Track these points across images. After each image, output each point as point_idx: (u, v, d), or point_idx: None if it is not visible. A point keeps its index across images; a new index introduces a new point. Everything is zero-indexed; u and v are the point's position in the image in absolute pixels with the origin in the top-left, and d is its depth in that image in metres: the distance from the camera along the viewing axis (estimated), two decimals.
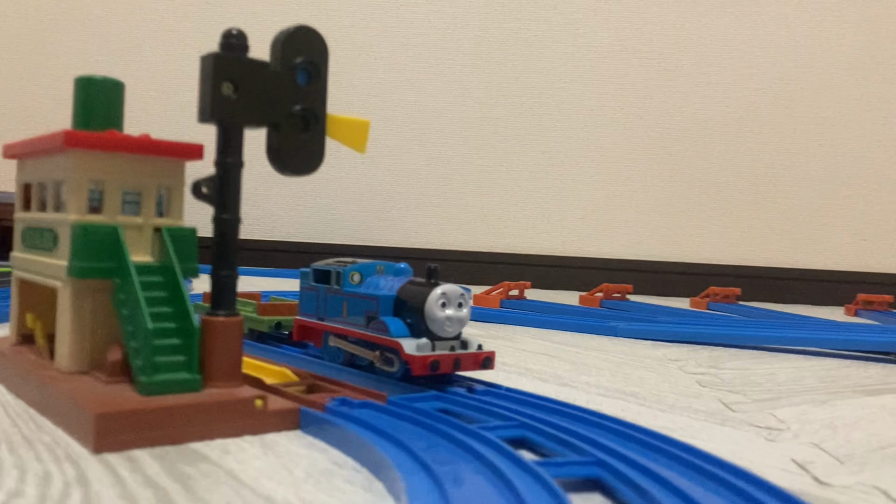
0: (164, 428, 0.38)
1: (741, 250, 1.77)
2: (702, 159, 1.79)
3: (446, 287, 0.49)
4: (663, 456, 0.37)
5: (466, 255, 1.85)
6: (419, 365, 0.47)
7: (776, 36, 1.77)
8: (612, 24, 1.82)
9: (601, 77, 1.82)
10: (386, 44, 1.87)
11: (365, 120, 0.48)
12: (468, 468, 0.34)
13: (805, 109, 1.77)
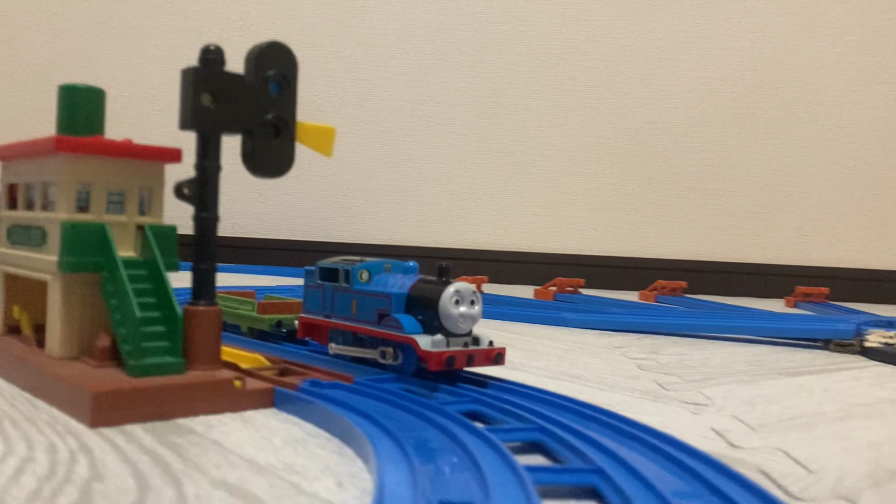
0: (153, 405, 0.42)
1: (688, 245, 1.85)
2: (651, 158, 1.87)
3: (459, 285, 0.51)
4: (596, 423, 0.43)
5: (425, 250, 1.90)
6: (435, 361, 0.48)
7: (722, 39, 1.85)
8: (566, 27, 1.88)
9: (555, 78, 1.88)
10: (345, 43, 1.91)
11: (331, 127, 0.53)
12: (428, 434, 0.39)
13: (749, 110, 1.85)
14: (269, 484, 0.33)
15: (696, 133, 1.87)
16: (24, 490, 0.31)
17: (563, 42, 1.88)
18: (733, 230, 1.86)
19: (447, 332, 0.50)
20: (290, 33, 1.91)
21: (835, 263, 1.82)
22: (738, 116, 1.86)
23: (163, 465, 0.35)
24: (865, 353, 0.86)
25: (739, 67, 1.85)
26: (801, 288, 1.58)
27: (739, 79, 1.86)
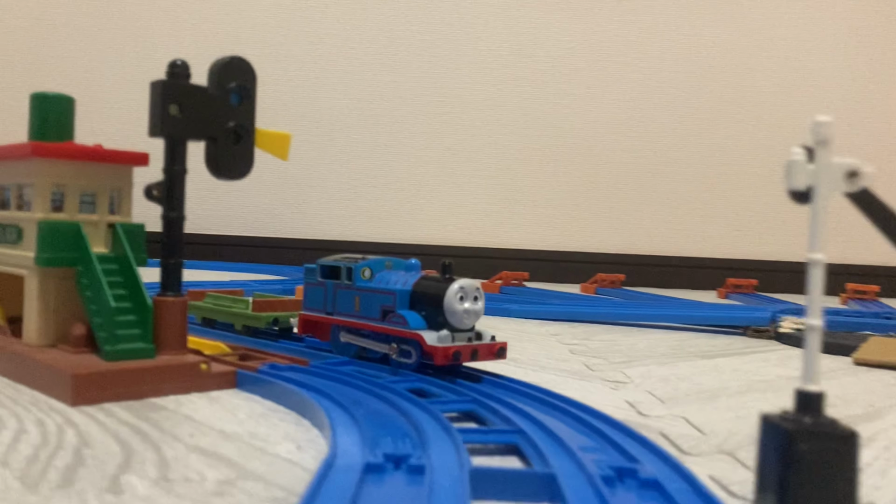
0: (128, 386, 0.47)
1: (627, 240, 1.94)
2: (593, 157, 1.95)
3: (463, 281, 0.52)
4: (523, 396, 0.49)
5: (376, 246, 1.95)
6: (441, 355, 0.50)
7: (660, 43, 1.94)
8: (511, 29, 1.95)
9: (500, 79, 1.95)
10: (296, 43, 1.95)
11: (287, 133, 0.58)
12: (376, 406, 0.44)
13: (685, 110, 1.95)
14: (237, 448, 0.38)
15: (635, 132, 1.95)
16: (22, 454, 0.36)
17: (509, 44, 1.95)
18: (669, 225, 1.95)
19: (451, 328, 0.51)
20: (242, 32, 1.94)
21: (764, 256, 1.92)
22: (675, 116, 1.95)
23: (142, 434, 0.40)
24: (779, 339, 0.94)
25: (676, 70, 1.94)
26: (731, 280, 1.68)
27: (676, 81, 1.95)
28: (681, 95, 1.95)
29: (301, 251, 1.97)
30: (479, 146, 1.96)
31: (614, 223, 1.95)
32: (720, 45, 1.95)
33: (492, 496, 0.32)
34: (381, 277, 0.57)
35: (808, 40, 1.95)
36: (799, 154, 0.30)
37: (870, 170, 0.30)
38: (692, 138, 1.95)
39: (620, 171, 1.95)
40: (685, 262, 1.94)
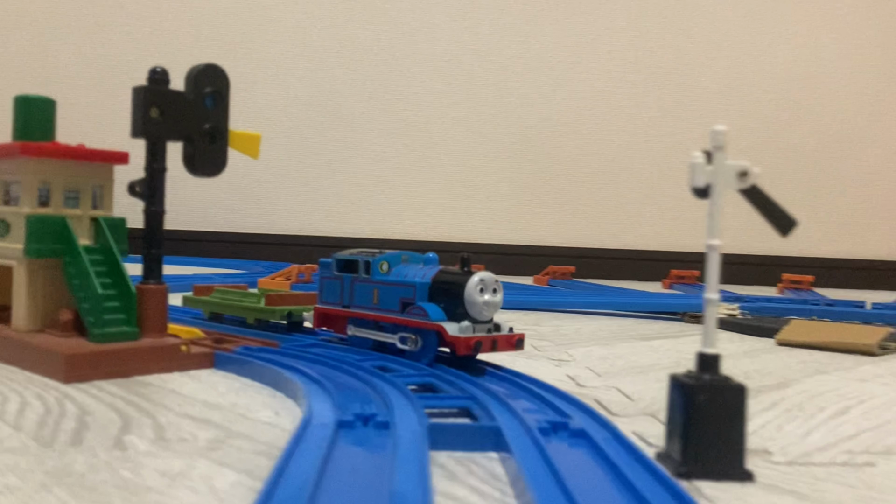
0: (115, 365, 0.52)
1: (577, 234, 2.02)
2: (544, 153, 2.02)
3: (483, 274, 0.53)
4: (475, 370, 0.55)
5: (335, 240, 1.99)
6: (463, 346, 0.51)
7: (608, 45, 2.02)
8: (466, 30, 2.01)
9: (456, 78, 2.01)
10: (254, 41, 1.98)
11: (257, 133, 0.63)
12: (345, 380, 0.50)
13: (631, 109, 2.03)
14: (222, 415, 0.44)
15: (584, 130, 2.03)
16: (31, 421, 0.40)
17: (463, 43, 2.01)
18: (617, 219, 2.04)
19: (471, 319, 0.52)
20: (203, 30, 1.96)
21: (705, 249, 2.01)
22: (622, 115, 2.03)
23: (135, 405, 0.45)
24: None
25: (624, 71, 2.02)
26: (675, 271, 1.76)
27: (624, 81, 2.03)
28: (628, 95, 2.03)
29: (261, 246, 2.01)
30: (435, 143, 2.01)
31: (565, 218, 2.02)
32: (666, 47, 2.03)
33: (447, 447, 0.38)
34: (398, 271, 0.58)
35: (749, 43, 2.05)
36: (699, 157, 0.36)
37: (757, 170, 0.37)
38: (639, 137, 2.03)
39: (571, 167, 2.02)
40: (632, 255, 2.02)
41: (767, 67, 2.06)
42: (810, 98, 2.08)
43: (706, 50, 2.04)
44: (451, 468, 0.35)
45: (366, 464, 0.33)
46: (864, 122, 2.09)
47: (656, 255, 2.00)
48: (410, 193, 2.02)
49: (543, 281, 1.66)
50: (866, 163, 2.10)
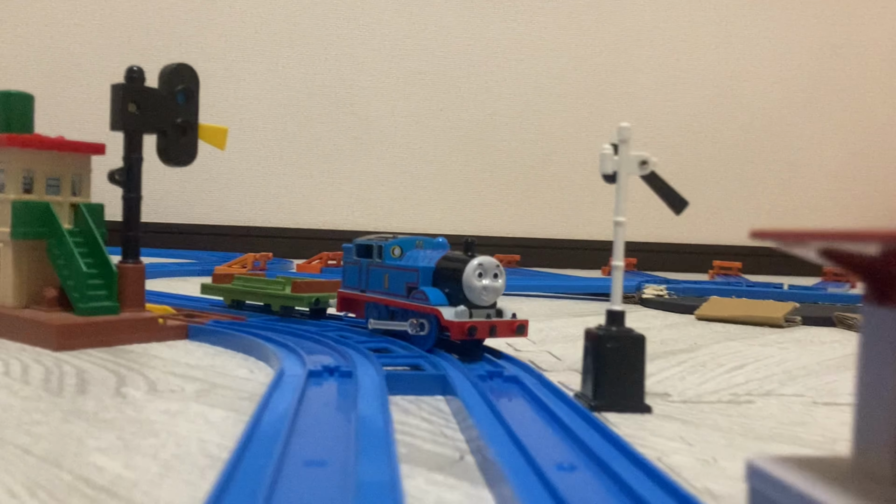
0: (100, 335, 0.57)
1: (523, 224, 2.11)
2: (491, 146, 2.10)
3: (483, 259, 0.52)
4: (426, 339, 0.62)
5: (287, 231, 2.04)
6: (457, 330, 0.50)
7: (552, 41, 2.10)
8: (414, 25, 2.07)
9: (405, 73, 2.07)
10: (205, 35, 2.01)
11: (224, 127, 0.69)
12: (310, 344, 0.56)
13: (573, 103, 2.12)
14: (204, 373, 0.50)
15: (529, 124, 2.12)
16: (36, 378, 0.46)
17: (412, 40, 2.07)
18: (561, 210, 2.13)
19: (471, 304, 0.52)
20: (153, 24, 1.99)
21: (643, 238, 2.12)
22: (565, 109, 2.13)
23: (124, 366, 0.51)
24: (642, 303, 1.11)
25: (566, 67, 2.12)
26: None
27: (566, 77, 2.12)
28: (570, 90, 2.12)
29: (213, 237, 2.05)
30: (384, 136, 2.07)
31: (511, 208, 2.11)
32: (605, 45, 2.13)
33: (400, 391, 0.45)
34: (410, 256, 0.58)
35: (682, 41, 2.16)
36: (608, 149, 0.44)
37: (655, 159, 0.45)
38: (580, 131, 2.13)
39: (516, 159, 2.11)
40: (574, 245, 2.12)
41: (699, 64, 2.18)
42: (740, 93, 2.20)
43: (643, 47, 2.15)
44: (405, 406, 0.43)
45: (335, 400, 0.40)
46: (791, 116, 2.23)
47: (596, 245, 2.10)
48: (360, 186, 2.08)
49: None
50: (792, 156, 2.23)
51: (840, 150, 2.26)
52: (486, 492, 0.29)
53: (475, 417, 0.37)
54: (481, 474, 0.31)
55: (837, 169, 2.26)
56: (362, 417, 0.35)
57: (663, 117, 2.16)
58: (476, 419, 0.37)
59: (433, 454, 0.34)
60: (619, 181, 0.45)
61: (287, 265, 1.55)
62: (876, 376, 0.23)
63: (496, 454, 0.31)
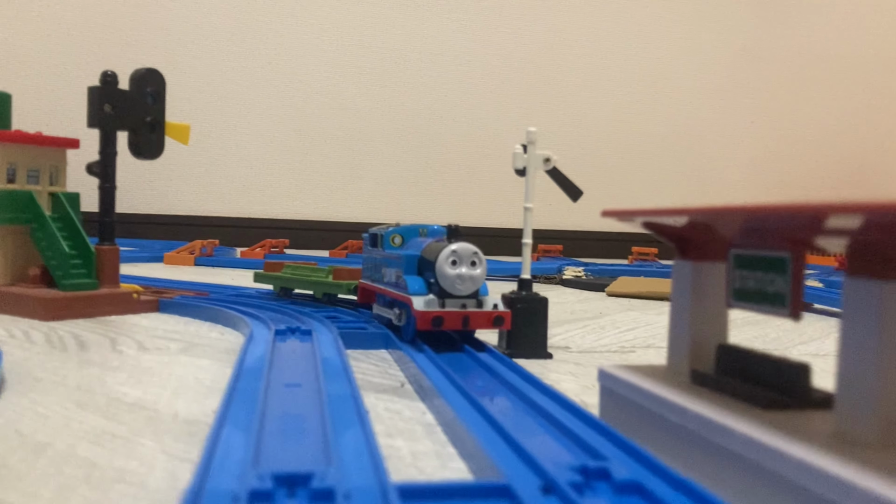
0: (82, 308, 0.65)
1: (459, 213, 2.22)
2: (427, 139, 2.20)
3: (459, 245, 0.50)
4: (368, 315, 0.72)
5: (229, 220, 2.10)
6: (422, 320, 0.49)
7: (484, 38, 2.22)
8: (353, 21, 2.15)
9: (344, 67, 2.15)
10: (147, 27, 2.05)
11: (188, 124, 0.77)
12: (274, 314, 0.66)
13: (505, 99, 2.24)
14: (181, 336, 0.59)
15: (463, 118, 2.22)
16: (39, 341, 0.54)
17: (351, 35, 2.15)
18: (493, 200, 2.25)
19: (446, 293, 0.50)
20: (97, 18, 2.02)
21: (570, 227, 2.26)
22: (497, 103, 2.24)
23: (112, 332, 0.59)
24: (563, 283, 1.23)
25: (499, 63, 2.23)
26: (542, 246, 1.99)
27: (499, 72, 2.23)
28: (502, 85, 2.24)
29: (153, 226, 2.09)
30: (324, 128, 2.15)
31: (447, 198, 2.22)
32: (536, 43, 2.25)
33: (351, 346, 0.55)
34: (410, 244, 0.57)
35: (610, 42, 2.30)
36: (519, 149, 0.55)
37: (556, 157, 0.55)
38: (511, 122, 2.25)
39: (451, 152, 2.21)
40: (506, 233, 2.24)
41: (625, 65, 2.32)
42: (662, 92, 2.35)
43: (572, 48, 2.28)
44: (356, 356, 0.53)
45: (300, 349, 0.50)
46: (707, 114, 2.39)
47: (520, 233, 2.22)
48: (301, 176, 2.15)
49: None
50: (708, 151, 2.40)
51: (752, 145, 2.44)
52: (421, 404, 0.40)
53: (414, 361, 0.48)
54: (418, 395, 0.42)
55: (749, 163, 2.44)
56: (324, 358, 0.45)
57: (591, 114, 2.30)
58: (415, 362, 0.47)
59: (380, 383, 0.44)
60: (527, 175, 0.55)
61: (232, 252, 1.63)
62: (678, 303, 0.34)
63: (431, 382, 0.41)
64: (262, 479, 0.24)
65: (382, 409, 0.39)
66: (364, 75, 2.16)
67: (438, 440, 0.34)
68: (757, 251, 0.29)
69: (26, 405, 0.37)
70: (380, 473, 0.25)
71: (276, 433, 0.30)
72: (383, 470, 0.25)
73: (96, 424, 0.34)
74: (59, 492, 0.26)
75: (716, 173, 2.41)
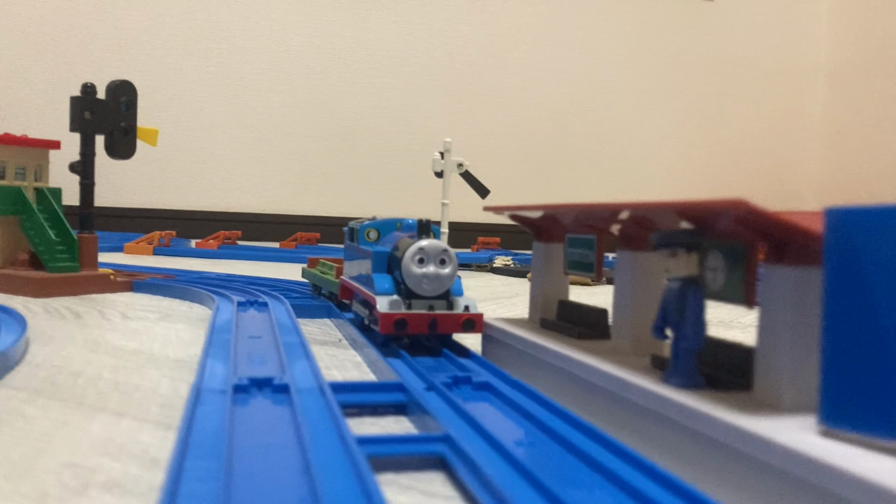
0: (67, 287, 0.76)
1: (403, 207, 2.35)
2: (373, 137, 2.32)
3: (426, 242, 0.46)
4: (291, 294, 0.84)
5: (179, 213, 2.19)
6: (384, 323, 0.44)
7: (425, 40, 2.34)
8: (301, 24, 2.26)
9: (294, 67, 2.26)
10: (103, 27, 2.12)
11: (156, 129, 0.88)
12: (236, 293, 0.77)
13: (446, 98, 2.37)
14: (157, 309, 0.70)
15: (408, 117, 2.35)
16: (38, 312, 0.65)
17: (299, 37, 2.26)
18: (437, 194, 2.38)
19: (413, 294, 0.46)
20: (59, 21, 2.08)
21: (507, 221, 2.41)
22: (438, 103, 2.37)
23: (98, 307, 0.71)
24: (493, 271, 1.37)
25: (442, 65, 2.36)
26: (481, 238, 2.13)
27: (439, 75, 2.36)
28: (444, 87, 2.37)
29: (108, 218, 2.17)
30: (276, 126, 2.26)
31: (392, 192, 2.34)
32: (478, 47, 2.39)
33: (302, 316, 0.67)
34: (387, 239, 0.53)
35: (542, 48, 2.45)
36: (437, 155, 0.68)
37: (468, 162, 0.69)
38: (448, 121, 2.38)
39: (396, 148, 2.34)
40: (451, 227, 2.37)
41: (560, 68, 2.47)
42: (594, 94, 2.51)
43: (510, 51, 2.42)
44: (305, 322, 0.65)
45: (259, 316, 0.62)
46: (637, 114, 2.56)
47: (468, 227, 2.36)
48: (250, 171, 2.25)
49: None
50: (638, 150, 2.57)
51: (678, 143, 2.62)
52: (353, 352, 0.53)
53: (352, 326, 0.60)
54: (352, 347, 0.55)
55: (675, 160, 2.62)
56: (278, 321, 0.58)
57: (529, 114, 2.44)
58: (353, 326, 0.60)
59: (323, 339, 0.57)
60: (444, 177, 0.68)
61: (187, 243, 1.72)
62: (535, 273, 0.48)
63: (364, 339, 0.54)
64: (240, 380, 0.36)
65: (324, 354, 0.51)
66: (313, 75, 2.27)
67: (363, 371, 0.47)
68: (579, 235, 0.43)
69: (52, 352, 0.48)
70: (318, 378, 0.38)
71: (246, 362, 0.43)
72: (321, 376, 0.38)
73: (110, 362, 0.46)
74: (100, 395, 0.38)
75: (643, 169, 2.58)
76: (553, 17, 2.46)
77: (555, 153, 2.48)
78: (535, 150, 2.46)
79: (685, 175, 2.62)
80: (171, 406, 0.37)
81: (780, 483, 0.23)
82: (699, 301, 0.29)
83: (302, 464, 0.26)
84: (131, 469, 0.28)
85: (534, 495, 0.24)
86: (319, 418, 0.32)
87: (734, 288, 0.29)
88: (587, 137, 2.52)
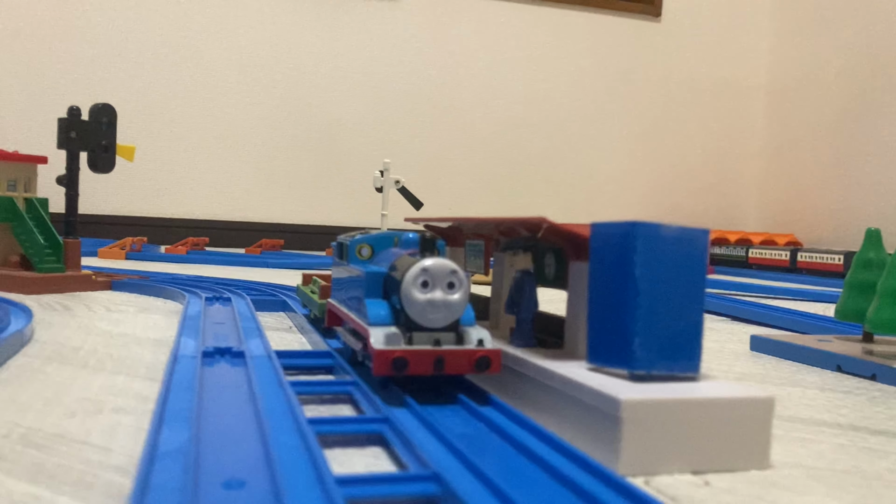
0: (55, 285, 0.87)
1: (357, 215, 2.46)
2: (335, 147, 2.43)
3: (431, 262, 0.38)
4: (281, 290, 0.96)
5: (151, 220, 2.29)
6: (379, 362, 0.37)
7: (387, 58, 2.47)
8: (268, 38, 2.37)
9: (260, 81, 2.37)
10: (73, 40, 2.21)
11: (133, 146, 0.99)
12: (204, 291, 0.89)
13: (409, 111, 2.50)
14: (136, 303, 0.82)
15: (367, 129, 2.47)
16: (33, 306, 0.76)
17: (267, 51, 2.37)
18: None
19: (414, 325, 0.38)
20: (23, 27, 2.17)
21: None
22: (398, 117, 2.49)
23: (84, 302, 0.81)
24: None
25: (401, 80, 2.48)
26: None
27: (399, 89, 2.49)
28: (406, 100, 2.49)
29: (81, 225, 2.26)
30: (242, 136, 2.36)
31: (350, 200, 2.46)
32: (436, 64, 2.52)
33: (262, 309, 0.79)
34: (382, 257, 0.45)
35: (497, 63, 2.59)
36: (377, 173, 0.80)
37: (404, 178, 0.81)
38: (414, 133, 2.51)
39: (360, 160, 2.45)
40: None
41: (512, 84, 2.61)
42: (545, 110, 2.65)
43: (467, 68, 2.55)
44: (262, 315, 0.77)
45: (223, 309, 0.74)
46: (586, 129, 2.71)
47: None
48: (219, 179, 2.35)
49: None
50: (586, 162, 2.72)
51: (627, 158, 2.77)
52: (300, 336, 0.65)
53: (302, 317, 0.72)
54: (300, 332, 0.67)
55: (624, 174, 2.77)
56: (239, 312, 0.70)
57: (483, 127, 2.58)
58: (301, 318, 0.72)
59: (277, 326, 0.69)
60: (384, 192, 0.81)
61: (157, 248, 1.82)
62: None
63: (311, 327, 0.66)
64: (207, 349, 0.48)
65: (276, 336, 0.63)
66: (278, 89, 2.38)
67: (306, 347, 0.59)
68: (473, 241, 0.55)
69: (54, 333, 0.60)
70: (268, 348, 0.50)
71: (212, 340, 0.54)
72: (270, 347, 0.50)
73: (102, 341, 0.57)
74: (98, 361, 0.49)
75: (594, 182, 2.72)
76: (507, 37, 2.60)
77: (509, 167, 2.61)
78: (491, 163, 2.59)
79: (634, 188, 2.77)
80: (154, 368, 0.48)
81: (561, 398, 0.35)
82: (532, 286, 0.42)
83: (251, 399, 0.38)
84: (130, 402, 0.39)
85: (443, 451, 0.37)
86: (266, 373, 0.44)
87: (558, 276, 0.41)
88: (540, 152, 2.66)
